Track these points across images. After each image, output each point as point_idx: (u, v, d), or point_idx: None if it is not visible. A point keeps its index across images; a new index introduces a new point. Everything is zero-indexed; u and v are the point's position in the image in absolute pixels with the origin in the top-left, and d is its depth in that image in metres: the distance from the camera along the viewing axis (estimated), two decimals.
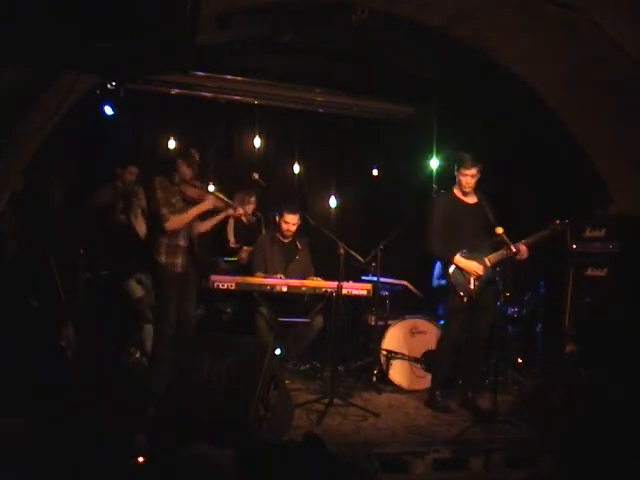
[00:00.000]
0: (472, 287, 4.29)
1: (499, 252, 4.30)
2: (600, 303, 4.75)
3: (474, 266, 4.30)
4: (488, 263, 4.32)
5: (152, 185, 4.25)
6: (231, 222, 5.78)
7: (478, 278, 4.30)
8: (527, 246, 4.25)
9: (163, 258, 4.19)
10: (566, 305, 5.02)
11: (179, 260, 4.21)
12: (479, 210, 4.41)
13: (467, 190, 4.43)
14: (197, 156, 4.36)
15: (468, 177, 4.36)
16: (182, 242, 4.24)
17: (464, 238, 4.36)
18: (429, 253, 4.53)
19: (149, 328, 4.99)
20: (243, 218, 4.85)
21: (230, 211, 4.63)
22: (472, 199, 4.49)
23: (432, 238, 4.38)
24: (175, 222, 4.21)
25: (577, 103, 4.91)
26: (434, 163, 6.54)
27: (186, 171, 4.29)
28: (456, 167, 4.41)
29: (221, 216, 4.66)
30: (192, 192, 4.35)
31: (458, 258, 4.31)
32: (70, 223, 5.30)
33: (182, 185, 4.30)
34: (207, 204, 4.35)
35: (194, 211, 4.31)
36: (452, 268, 4.35)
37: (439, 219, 4.39)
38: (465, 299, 4.29)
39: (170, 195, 4.22)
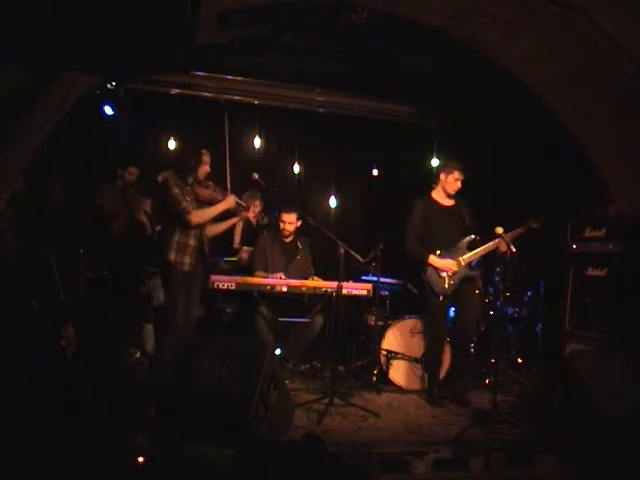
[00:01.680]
0: (446, 286, 4.53)
1: (474, 252, 4.55)
2: (600, 303, 4.76)
3: (448, 263, 4.53)
4: (462, 262, 4.54)
5: (167, 183, 4.25)
6: (239, 225, 5.78)
7: (452, 277, 4.51)
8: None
9: (172, 256, 4.20)
10: (566, 305, 5.03)
11: (187, 259, 4.22)
12: (456, 212, 4.67)
13: (452, 194, 4.68)
14: (209, 155, 4.37)
15: (459, 182, 4.63)
16: (192, 242, 4.25)
17: (441, 239, 4.61)
18: (406, 253, 4.70)
19: (149, 328, 5.00)
20: (253, 220, 4.86)
21: (244, 214, 4.61)
22: (450, 202, 4.73)
23: (409, 239, 4.65)
24: (199, 216, 4.25)
25: (577, 103, 4.91)
26: (434, 163, 6.54)
27: (202, 172, 4.31)
28: (447, 172, 4.65)
29: (235, 219, 4.67)
30: (204, 193, 4.36)
31: (432, 258, 4.55)
32: (70, 223, 5.30)
33: (194, 186, 4.31)
34: (227, 203, 4.36)
35: (219, 208, 4.33)
36: (428, 268, 4.57)
37: (417, 221, 4.65)
38: (441, 297, 4.54)
39: (185, 193, 4.23)
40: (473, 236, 4.58)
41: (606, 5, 3.94)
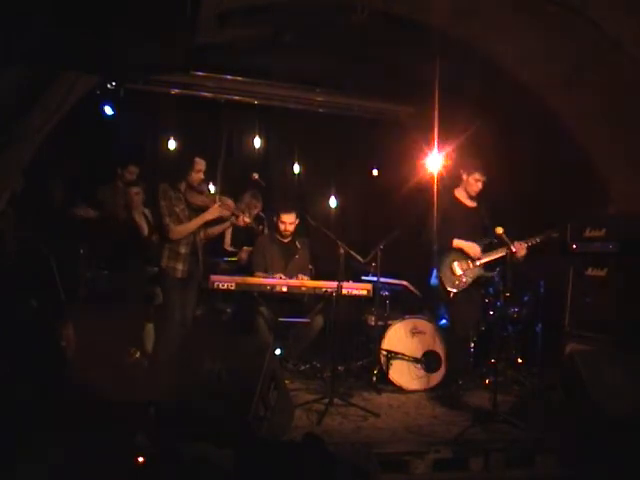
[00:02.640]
0: (458, 282, 4.54)
1: (491, 253, 4.55)
2: (600, 303, 4.76)
3: (473, 247, 4.53)
4: (478, 262, 4.55)
5: (156, 193, 4.33)
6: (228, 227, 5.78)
7: (466, 275, 4.52)
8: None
9: (165, 262, 4.30)
10: (566, 305, 5.02)
11: (180, 265, 4.29)
12: (477, 214, 4.66)
13: (474, 195, 4.67)
14: (203, 164, 4.38)
15: (479, 183, 4.63)
16: (183, 249, 4.32)
17: (459, 237, 4.59)
18: (430, 243, 4.64)
19: (150, 328, 4.99)
20: (246, 225, 4.88)
21: (234, 220, 4.61)
22: (472, 203, 4.72)
23: (431, 228, 4.59)
24: (178, 232, 4.29)
25: (577, 103, 4.91)
26: (434, 163, 6.52)
27: (194, 178, 4.34)
28: (468, 172, 4.66)
29: (226, 225, 4.70)
30: (197, 199, 4.38)
31: (457, 241, 4.55)
32: (70, 223, 5.30)
33: (188, 192, 4.33)
34: (211, 214, 4.38)
35: (198, 221, 4.36)
36: (442, 266, 4.58)
37: (439, 215, 4.60)
38: (451, 294, 4.54)
39: (173, 204, 4.28)
40: (490, 239, 4.57)
41: (606, 5, 3.94)
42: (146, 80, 5.76)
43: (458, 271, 4.53)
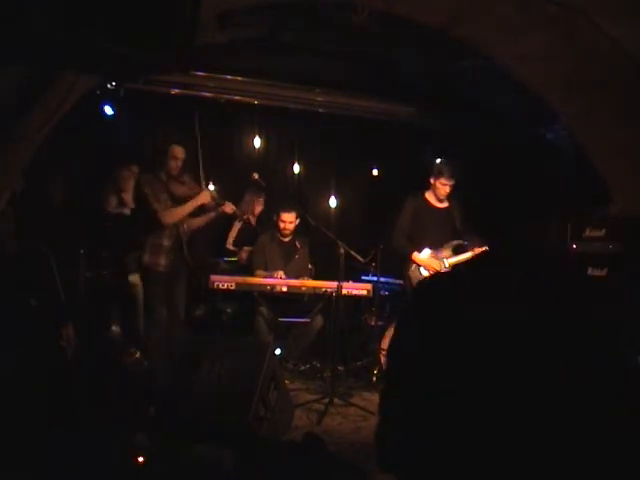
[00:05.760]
0: None
1: (459, 256, 4.61)
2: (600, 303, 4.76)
3: (431, 262, 4.57)
4: (446, 264, 4.59)
5: (138, 183, 4.31)
6: (236, 225, 5.77)
7: None
8: None
9: (146, 258, 4.23)
10: None
11: (162, 260, 4.22)
12: (448, 214, 4.72)
13: (442, 198, 4.72)
14: (181, 151, 4.36)
15: (447, 187, 4.66)
16: (166, 242, 4.25)
17: (428, 239, 4.66)
18: (393, 249, 4.75)
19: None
20: (233, 212, 4.85)
21: (220, 209, 4.55)
22: (443, 204, 4.77)
23: (396, 235, 4.68)
24: (171, 215, 4.22)
25: (577, 103, 4.91)
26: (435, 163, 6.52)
27: (172, 166, 4.30)
28: (435, 176, 4.69)
29: (211, 216, 4.63)
30: (179, 189, 4.34)
31: (415, 255, 4.60)
32: (70, 223, 5.30)
33: (169, 183, 4.30)
34: (202, 199, 4.33)
35: (191, 204, 4.30)
36: (412, 265, 4.63)
37: (407, 219, 4.69)
38: None
39: (157, 191, 4.22)
40: (461, 240, 4.64)
41: (606, 5, 3.94)
42: (146, 80, 5.75)
43: (425, 272, 4.54)
